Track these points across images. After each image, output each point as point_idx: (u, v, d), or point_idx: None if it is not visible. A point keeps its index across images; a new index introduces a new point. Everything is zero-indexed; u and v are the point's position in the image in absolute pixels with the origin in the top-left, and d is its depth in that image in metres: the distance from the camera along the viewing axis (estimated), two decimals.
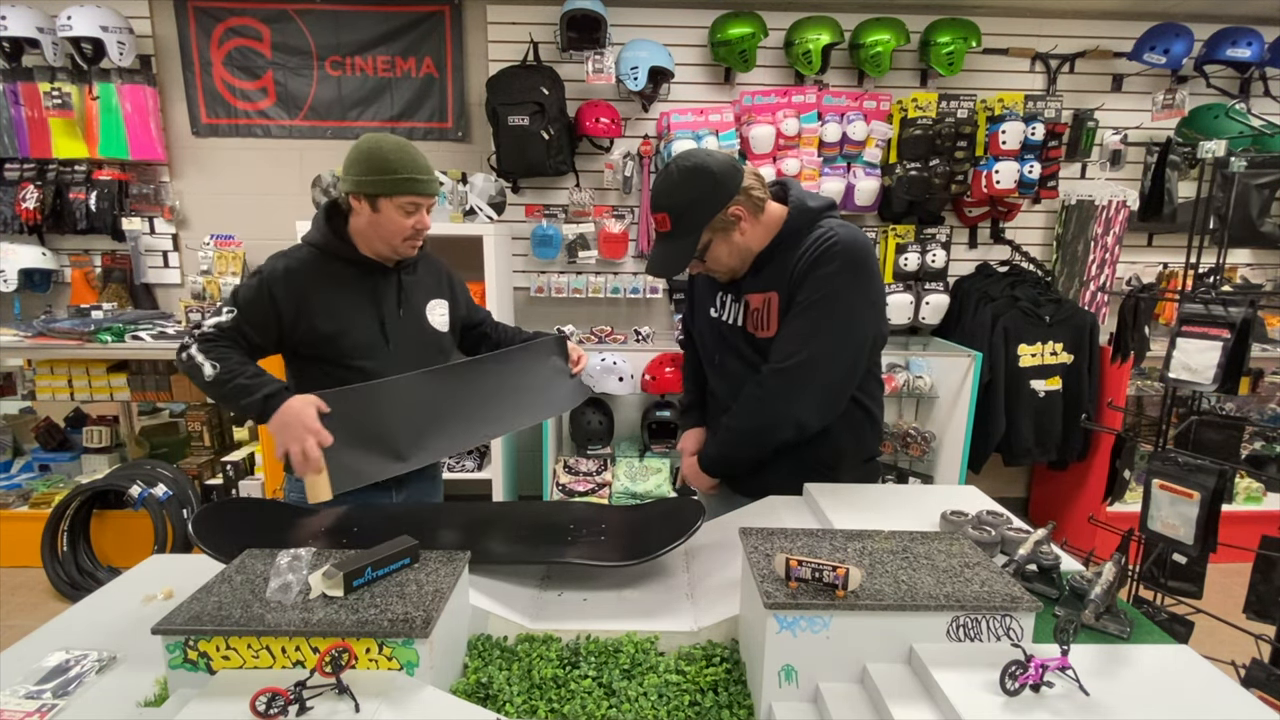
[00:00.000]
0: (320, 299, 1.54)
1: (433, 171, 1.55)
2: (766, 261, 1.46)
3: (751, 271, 1.49)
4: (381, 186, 1.48)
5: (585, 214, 3.48)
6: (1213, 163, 1.90)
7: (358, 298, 1.58)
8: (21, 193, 3.29)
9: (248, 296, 1.51)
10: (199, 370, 1.43)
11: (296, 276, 1.53)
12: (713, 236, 1.43)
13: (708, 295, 1.62)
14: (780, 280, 1.44)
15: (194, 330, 1.48)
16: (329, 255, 1.57)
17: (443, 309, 1.73)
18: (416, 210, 1.53)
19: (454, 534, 1.33)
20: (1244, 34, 3.21)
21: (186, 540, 2.92)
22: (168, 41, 3.38)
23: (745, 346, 1.52)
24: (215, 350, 1.45)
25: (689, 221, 1.41)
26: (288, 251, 1.58)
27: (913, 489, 1.63)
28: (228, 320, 1.48)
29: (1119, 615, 1.05)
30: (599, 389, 3.47)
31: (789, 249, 1.43)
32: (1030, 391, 3.25)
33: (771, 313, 1.45)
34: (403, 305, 1.64)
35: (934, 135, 3.23)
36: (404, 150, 1.51)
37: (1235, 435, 2.02)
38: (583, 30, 3.14)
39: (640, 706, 0.94)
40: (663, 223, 1.43)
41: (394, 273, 1.63)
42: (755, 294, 1.48)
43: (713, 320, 1.60)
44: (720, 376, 1.63)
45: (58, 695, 0.96)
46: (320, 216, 1.59)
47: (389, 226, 1.53)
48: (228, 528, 1.25)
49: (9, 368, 3.40)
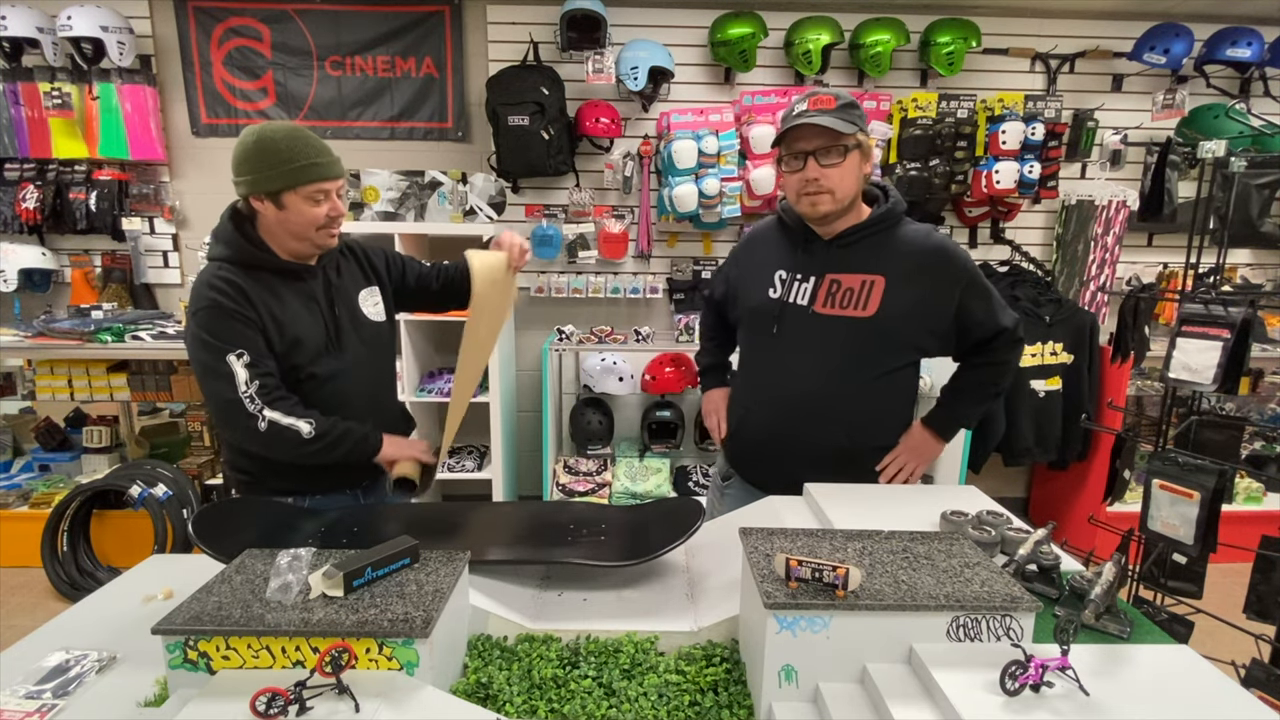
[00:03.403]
0: (264, 313, 1.43)
1: (332, 151, 1.45)
2: (855, 241, 1.53)
3: (838, 251, 1.54)
4: (282, 179, 1.37)
5: (585, 214, 3.48)
6: (1213, 163, 1.90)
7: (296, 304, 1.48)
8: (21, 193, 3.29)
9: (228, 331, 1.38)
10: (294, 433, 1.39)
11: (237, 290, 1.40)
12: (860, 145, 1.47)
13: (763, 277, 1.62)
14: (888, 265, 1.51)
15: (243, 397, 1.37)
16: (249, 268, 1.44)
17: (375, 297, 1.63)
18: (328, 196, 1.42)
19: (454, 534, 1.33)
20: (1244, 34, 3.21)
21: (186, 540, 2.92)
22: (168, 41, 3.38)
23: (806, 323, 1.55)
24: (288, 404, 1.41)
25: (851, 112, 1.44)
26: (206, 275, 1.42)
27: (913, 489, 1.63)
28: (249, 363, 1.37)
29: (1119, 615, 1.05)
30: (599, 389, 3.48)
31: (882, 234, 1.53)
32: (1030, 391, 3.25)
33: (874, 293, 1.51)
34: (337, 303, 1.54)
35: (934, 135, 3.23)
36: (297, 135, 1.39)
37: (1235, 435, 2.02)
38: (583, 30, 3.14)
39: (640, 706, 0.94)
40: (828, 102, 1.43)
41: (318, 270, 1.53)
42: (849, 274, 1.53)
43: (773, 301, 1.60)
44: (761, 353, 1.64)
45: (58, 695, 0.96)
46: (225, 228, 1.46)
47: (299, 220, 1.41)
48: (228, 528, 1.25)
49: (9, 368, 3.40)
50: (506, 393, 3.29)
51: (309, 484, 1.55)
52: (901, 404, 1.65)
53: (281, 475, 1.52)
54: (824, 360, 1.55)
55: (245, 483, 1.58)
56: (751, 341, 1.71)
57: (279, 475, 1.52)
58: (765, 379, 1.64)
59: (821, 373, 1.56)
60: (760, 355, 1.67)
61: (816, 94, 1.46)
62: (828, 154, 1.44)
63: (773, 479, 1.63)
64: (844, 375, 1.55)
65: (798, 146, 1.46)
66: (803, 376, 1.56)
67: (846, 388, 1.55)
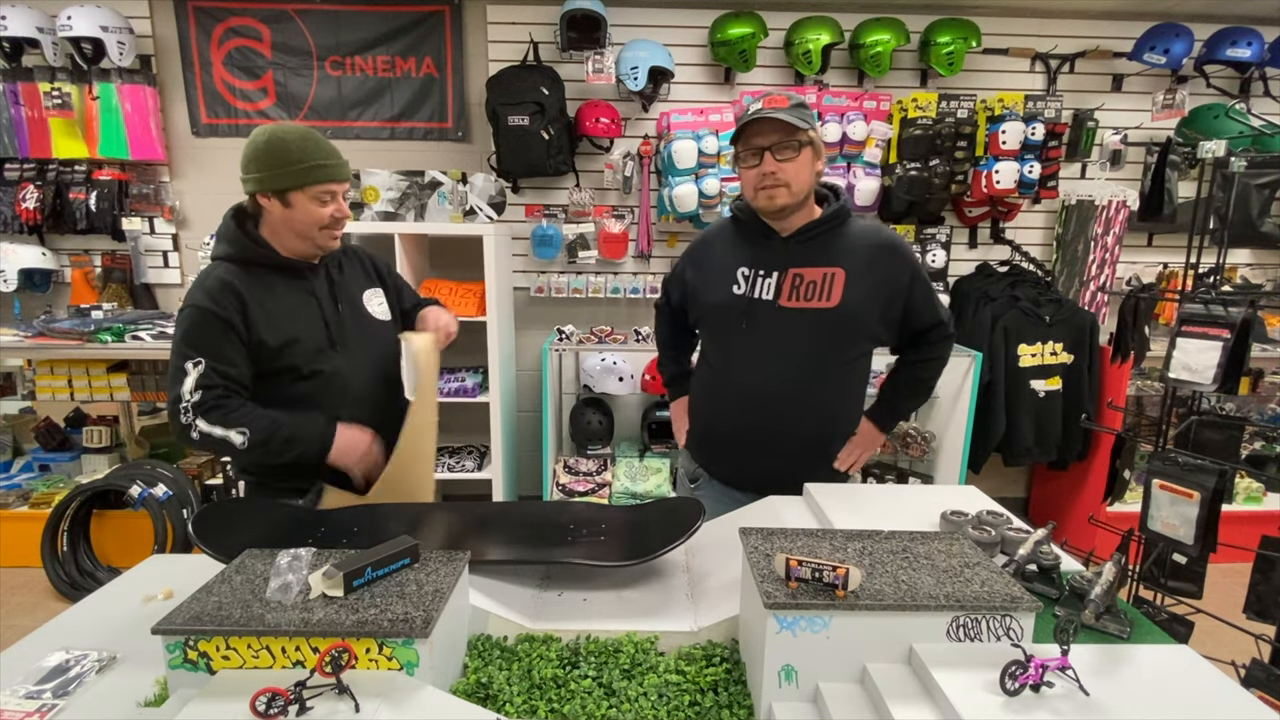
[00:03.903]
0: (259, 312, 1.44)
1: (340, 155, 1.49)
2: (813, 237, 1.59)
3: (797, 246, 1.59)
4: (290, 179, 1.41)
5: (585, 214, 3.47)
6: (1213, 163, 1.90)
7: (294, 303, 1.50)
8: (21, 193, 3.29)
9: (199, 335, 1.39)
10: (225, 443, 1.37)
11: (229, 292, 1.41)
12: (810, 143, 1.52)
13: (725, 275, 1.65)
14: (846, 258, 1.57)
15: (179, 407, 1.36)
16: (249, 264, 1.46)
17: (379, 298, 1.67)
18: (334, 198, 1.46)
19: (454, 534, 1.33)
20: (1244, 34, 3.20)
21: (186, 540, 2.92)
22: (168, 41, 3.38)
23: (774, 317, 1.59)
24: (222, 414, 1.38)
25: (803, 112, 1.51)
26: (203, 276, 1.46)
27: (913, 489, 1.64)
28: (202, 373, 1.37)
29: (1119, 615, 1.05)
30: (599, 389, 3.48)
31: (835, 230, 1.59)
32: (1030, 391, 3.25)
33: (835, 285, 1.56)
34: (340, 302, 1.57)
35: (934, 135, 3.23)
36: (307, 137, 1.43)
37: (1235, 435, 2.02)
38: (583, 30, 3.13)
39: (640, 706, 0.94)
40: (781, 101, 1.50)
41: (321, 269, 1.56)
42: (811, 268, 1.58)
43: (739, 297, 1.62)
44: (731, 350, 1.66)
45: (58, 695, 0.96)
46: (228, 226, 1.49)
47: (305, 219, 1.45)
48: (228, 528, 1.25)
49: (9, 368, 3.40)
50: (506, 393, 3.29)
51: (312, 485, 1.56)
52: (861, 393, 1.73)
53: (286, 477, 1.53)
54: (792, 352, 1.60)
55: (252, 484, 1.59)
56: (717, 340, 1.72)
57: (283, 476, 1.53)
58: (735, 375, 1.66)
59: (791, 364, 1.60)
60: (728, 352, 1.68)
61: (770, 94, 1.53)
62: (783, 149, 1.50)
63: (744, 474, 1.67)
64: (812, 365, 1.60)
65: (755, 142, 1.52)
66: (774, 369, 1.59)
67: (815, 378, 1.59)
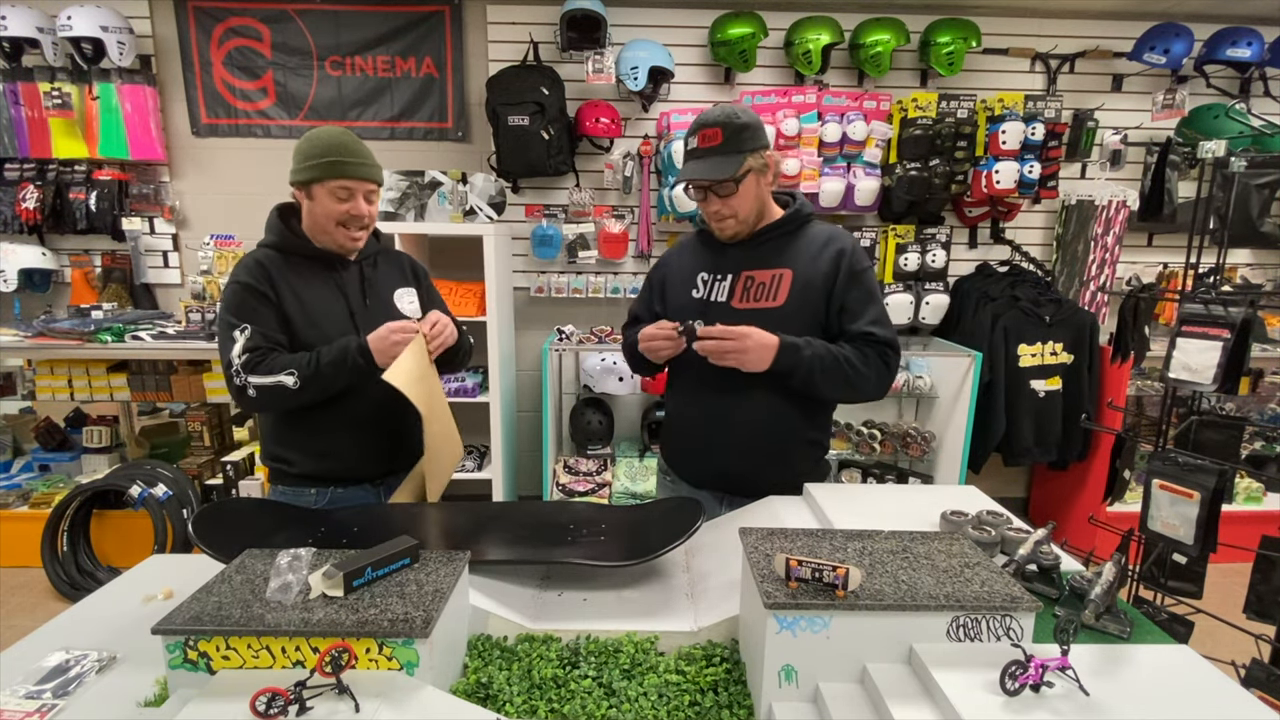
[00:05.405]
0: (287, 291, 1.54)
1: (370, 158, 1.54)
2: (767, 240, 1.61)
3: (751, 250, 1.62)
4: (312, 172, 1.49)
5: (585, 214, 3.48)
6: (1213, 163, 1.90)
7: (323, 291, 1.58)
8: (21, 193, 3.29)
9: (243, 306, 1.49)
10: (279, 389, 1.43)
11: (264, 269, 1.53)
12: (751, 170, 1.52)
13: (687, 280, 1.69)
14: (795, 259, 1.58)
15: (232, 371, 1.45)
16: (286, 252, 1.57)
17: (411, 296, 1.71)
18: (350, 196, 1.51)
19: (454, 534, 1.33)
20: (1244, 34, 3.21)
21: (186, 540, 2.92)
22: (168, 41, 3.38)
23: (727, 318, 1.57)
24: (267, 366, 1.45)
25: (738, 140, 1.50)
26: (244, 258, 1.58)
27: (913, 489, 1.64)
28: (249, 337, 1.46)
29: (1119, 615, 1.05)
30: (599, 389, 3.48)
31: (791, 234, 1.61)
32: (1030, 391, 3.25)
33: (783, 285, 1.58)
34: (369, 296, 1.63)
35: (934, 135, 3.23)
36: (337, 136, 1.50)
37: (1235, 435, 2.02)
38: (583, 30, 3.14)
39: (640, 706, 0.94)
40: (714, 136, 1.50)
41: (355, 265, 1.63)
42: (762, 270, 1.61)
43: (697, 301, 1.66)
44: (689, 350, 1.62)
45: (58, 695, 0.96)
46: (273, 217, 1.60)
47: (322, 213, 1.52)
48: (228, 528, 1.25)
49: (9, 368, 3.40)
50: (506, 393, 3.29)
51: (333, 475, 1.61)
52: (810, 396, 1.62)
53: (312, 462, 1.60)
54: None
55: (278, 471, 1.64)
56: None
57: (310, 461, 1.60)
58: (693, 377, 1.66)
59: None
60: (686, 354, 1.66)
61: (704, 126, 1.50)
62: (722, 187, 1.52)
63: (703, 473, 1.68)
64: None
65: (696, 183, 1.56)
66: (726, 370, 1.57)
67: (764, 378, 1.55)
